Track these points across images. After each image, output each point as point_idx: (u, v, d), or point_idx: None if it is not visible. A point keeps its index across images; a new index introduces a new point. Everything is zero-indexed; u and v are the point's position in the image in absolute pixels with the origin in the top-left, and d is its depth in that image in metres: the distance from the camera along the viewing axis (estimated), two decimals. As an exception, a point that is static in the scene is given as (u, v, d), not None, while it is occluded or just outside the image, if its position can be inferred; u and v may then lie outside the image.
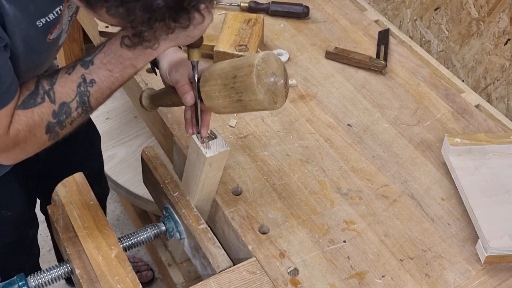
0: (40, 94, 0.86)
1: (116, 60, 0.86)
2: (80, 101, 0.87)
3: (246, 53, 1.25)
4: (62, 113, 0.87)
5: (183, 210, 1.03)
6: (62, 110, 0.86)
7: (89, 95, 0.87)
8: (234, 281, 0.94)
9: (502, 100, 1.33)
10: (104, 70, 0.86)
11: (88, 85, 0.86)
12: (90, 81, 0.86)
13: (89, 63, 0.86)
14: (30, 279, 0.97)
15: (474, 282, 0.97)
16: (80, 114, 0.88)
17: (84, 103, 0.87)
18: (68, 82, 0.86)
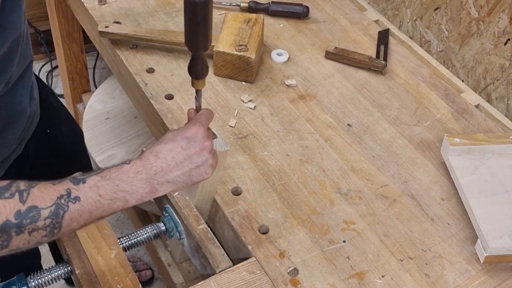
0: (11, 190, 0.74)
1: (111, 188, 0.80)
2: (54, 212, 0.76)
3: (246, 53, 1.25)
4: (27, 217, 0.74)
5: (183, 210, 1.03)
6: (29, 214, 0.74)
7: (66, 210, 0.76)
8: (234, 281, 0.94)
9: (502, 100, 1.33)
10: (94, 193, 0.79)
11: (71, 201, 0.77)
12: (75, 197, 0.77)
13: (81, 181, 0.79)
14: (30, 279, 0.97)
15: (474, 282, 0.97)
16: (46, 227, 0.75)
17: (57, 217, 0.76)
18: (49, 190, 0.77)
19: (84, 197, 0.78)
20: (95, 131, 1.85)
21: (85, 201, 0.78)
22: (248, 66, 1.27)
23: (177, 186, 0.85)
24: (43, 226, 0.75)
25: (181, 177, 0.84)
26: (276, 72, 1.34)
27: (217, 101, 1.25)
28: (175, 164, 0.83)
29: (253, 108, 1.23)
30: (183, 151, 0.83)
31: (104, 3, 1.47)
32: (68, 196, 0.77)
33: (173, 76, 1.30)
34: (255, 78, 1.31)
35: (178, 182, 0.84)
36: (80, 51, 2.03)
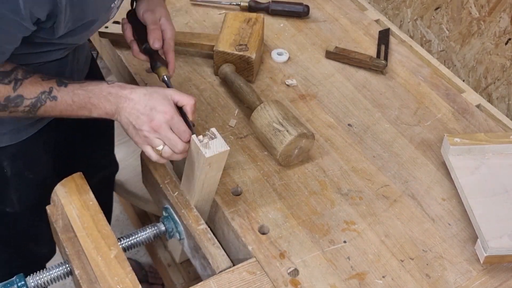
0: (11, 77, 0.92)
1: (83, 97, 0.95)
2: (34, 104, 0.94)
3: (246, 53, 1.25)
4: (13, 101, 0.93)
5: (182, 210, 1.03)
6: (16, 100, 0.93)
7: (43, 104, 0.94)
8: (234, 282, 0.94)
9: (503, 100, 1.32)
10: (68, 97, 0.95)
11: (49, 98, 0.94)
12: (53, 96, 0.94)
13: (63, 84, 0.95)
14: (29, 279, 0.97)
15: (475, 283, 0.97)
16: (23, 112, 0.95)
17: (34, 107, 0.94)
18: (37, 84, 0.94)
19: (60, 98, 0.95)
20: (95, 131, 1.85)
21: (60, 101, 0.95)
22: (248, 65, 1.26)
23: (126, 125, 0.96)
24: (22, 110, 0.95)
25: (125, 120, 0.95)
26: (276, 71, 1.33)
27: (217, 101, 1.25)
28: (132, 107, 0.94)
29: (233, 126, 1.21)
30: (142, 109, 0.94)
31: (104, 3, 1.47)
32: (49, 93, 0.94)
33: (173, 76, 1.30)
34: (255, 78, 1.30)
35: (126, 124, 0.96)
36: (80, 50, 2.03)
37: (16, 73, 0.93)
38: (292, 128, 1.08)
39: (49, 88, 0.94)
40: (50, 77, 0.95)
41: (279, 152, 1.08)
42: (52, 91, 0.94)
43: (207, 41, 1.31)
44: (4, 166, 1.16)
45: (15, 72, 0.93)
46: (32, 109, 0.94)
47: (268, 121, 1.11)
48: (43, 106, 0.95)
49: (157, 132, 0.94)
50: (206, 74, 1.31)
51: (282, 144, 1.08)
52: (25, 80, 0.93)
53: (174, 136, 0.94)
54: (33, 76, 0.94)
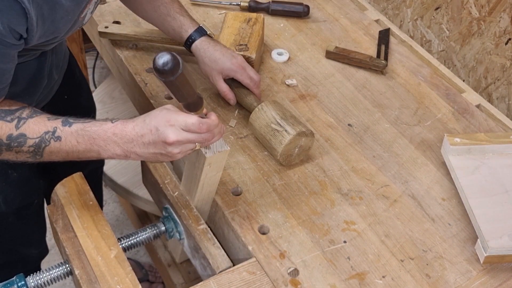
0: (14, 116, 0.90)
1: (88, 139, 0.91)
2: (38, 144, 0.91)
3: (246, 53, 1.25)
4: (16, 141, 0.90)
5: (182, 211, 1.03)
6: (18, 139, 0.90)
7: (47, 145, 0.91)
8: (234, 282, 0.94)
9: (503, 100, 1.32)
10: (73, 138, 0.91)
11: (53, 138, 0.91)
12: (57, 136, 0.91)
13: (68, 124, 0.92)
14: (29, 279, 0.97)
15: (475, 283, 0.97)
16: (29, 153, 0.92)
17: (39, 148, 0.91)
18: (41, 124, 0.91)
19: (64, 139, 0.91)
20: (94, 131, 1.85)
21: (64, 142, 0.91)
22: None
23: (147, 159, 0.93)
24: (27, 151, 0.91)
25: (148, 155, 0.92)
26: (277, 71, 1.33)
27: (217, 101, 1.25)
28: (142, 142, 0.90)
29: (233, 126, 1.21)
30: (151, 135, 0.90)
31: (104, 3, 1.47)
32: (52, 133, 0.91)
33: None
34: (255, 78, 1.30)
35: (147, 158, 0.92)
36: (79, 50, 2.03)
37: (22, 112, 0.91)
38: (290, 127, 1.08)
39: (53, 128, 0.91)
40: (56, 117, 0.93)
41: (279, 152, 1.09)
42: (55, 131, 0.91)
43: (207, 41, 1.31)
44: None
45: (20, 111, 0.91)
46: (37, 150, 0.91)
47: (267, 122, 1.11)
48: (48, 147, 0.91)
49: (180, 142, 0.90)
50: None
51: (281, 145, 1.08)
52: (29, 119, 0.91)
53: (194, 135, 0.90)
54: (39, 116, 0.92)
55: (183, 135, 0.89)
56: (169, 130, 0.89)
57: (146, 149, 0.91)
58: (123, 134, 0.91)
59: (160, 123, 0.89)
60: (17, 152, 0.91)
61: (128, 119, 0.93)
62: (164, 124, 0.89)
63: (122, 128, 0.91)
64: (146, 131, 0.90)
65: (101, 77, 2.55)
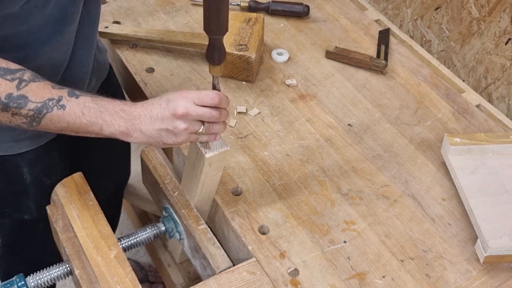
0: (15, 76, 0.85)
1: (95, 111, 0.88)
2: (39, 109, 0.86)
3: (246, 53, 1.25)
4: (15, 101, 0.84)
5: (182, 210, 1.03)
6: (18, 100, 0.84)
7: (49, 111, 0.86)
8: (234, 282, 0.94)
9: (503, 100, 1.32)
10: (78, 108, 0.87)
11: (57, 106, 0.86)
12: (62, 105, 0.87)
13: (75, 95, 0.88)
14: (29, 279, 0.97)
15: (475, 283, 0.97)
16: (28, 117, 0.86)
17: (39, 114, 0.86)
18: (45, 90, 0.86)
19: (69, 108, 0.87)
20: (95, 131, 1.85)
21: (68, 112, 0.87)
22: (248, 65, 1.26)
23: (149, 140, 0.90)
24: (25, 114, 0.85)
25: (152, 132, 0.88)
26: (276, 71, 1.33)
27: (217, 101, 1.25)
28: (149, 117, 0.88)
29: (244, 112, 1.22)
30: (160, 109, 0.88)
31: (104, 2, 1.47)
32: (57, 101, 0.87)
33: (173, 76, 1.30)
34: (255, 78, 1.30)
35: (150, 137, 0.89)
36: (79, 50, 2.02)
37: (23, 73, 0.86)
38: None
39: (58, 96, 0.87)
40: (61, 87, 0.89)
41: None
42: (61, 99, 0.87)
43: (207, 41, 1.31)
44: (24, 172, 1.14)
45: (21, 73, 0.86)
46: (37, 116, 0.86)
47: None
48: (49, 114, 0.86)
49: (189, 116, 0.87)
50: (206, 74, 1.31)
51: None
52: (31, 83, 0.86)
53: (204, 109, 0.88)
54: (42, 82, 0.87)
55: (193, 108, 0.87)
56: (180, 102, 0.87)
57: (152, 124, 0.88)
58: (131, 110, 0.89)
59: (171, 97, 0.88)
60: (13, 114, 0.85)
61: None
62: (176, 97, 0.87)
63: (131, 105, 0.89)
64: (155, 105, 0.88)
65: (101, 77, 2.55)
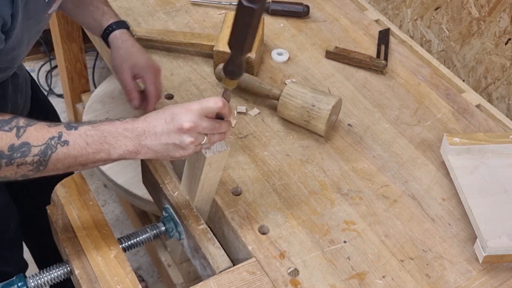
0: (11, 125, 0.83)
1: (99, 138, 0.86)
2: (43, 151, 0.83)
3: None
4: (18, 151, 0.82)
5: (182, 211, 1.03)
6: (21, 149, 0.82)
7: (54, 151, 0.84)
8: (234, 282, 0.94)
9: (503, 100, 1.33)
10: (82, 140, 0.85)
11: (60, 143, 0.84)
12: (64, 141, 0.84)
13: (73, 127, 0.86)
14: (29, 280, 0.97)
15: (475, 283, 0.97)
16: (34, 163, 0.84)
17: (45, 156, 0.84)
18: (44, 131, 0.84)
19: (73, 142, 0.85)
20: (94, 131, 1.85)
21: (72, 146, 0.85)
22: (248, 65, 1.26)
23: (157, 155, 0.88)
24: (31, 161, 0.83)
25: (159, 147, 0.87)
26: (277, 71, 1.33)
27: (217, 101, 1.25)
28: (154, 132, 0.87)
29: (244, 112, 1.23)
30: (165, 124, 0.86)
31: (104, 3, 1.47)
32: (58, 138, 0.84)
33: (173, 76, 1.30)
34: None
35: (157, 152, 0.88)
36: (79, 50, 2.03)
37: (17, 121, 0.84)
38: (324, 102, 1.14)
39: (57, 133, 0.84)
40: (56, 124, 0.86)
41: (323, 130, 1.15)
42: (62, 135, 0.84)
43: (207, 41, 1.31)
44: None
45: (16, 120, 0.83)
46: (43, 159, 0.83)
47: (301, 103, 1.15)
48: (54, 154, 0.84)
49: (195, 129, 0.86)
50: (206, 74, 1.31)
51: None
52: (29, 127, 0.83)
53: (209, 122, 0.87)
54: (38, 124, 0.85)
55: (199, 122, 0.86)
56: (186, 116, 0.85)
57: (158, 140, 0.86)
58: (134, 127, 0.87)
59: (175, 111, 0.86)
60: (18, 165, 0.83)
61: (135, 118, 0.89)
62: (180, 111, 0.86)
63: (133, 122, 0.87)
64: (159, 121, 0.86)
65: (101, 77, 2.55)
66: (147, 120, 0.87)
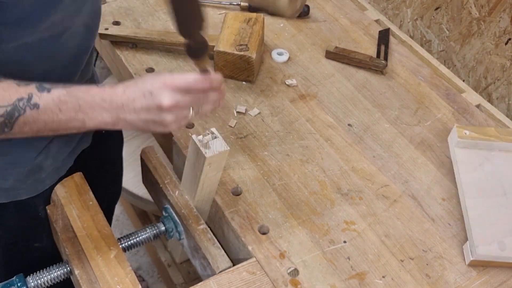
0: None
1: (73, 106, 0.79)
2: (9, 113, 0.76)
3: (247, 53, 1.25)
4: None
5: (182, 211, 1.03)
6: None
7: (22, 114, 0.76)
8: (234, 282, 0.94)
9: (503, 100, 1.32)
10: (54, 105, 0.78)
11: (29, 106, 0.76)
12: (34, 103, 0.77)
13: (46, 89, 0.78)
14: (29, 279, 0.97)
15: (475, 283, 0.97)
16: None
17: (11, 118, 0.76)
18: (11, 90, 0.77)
19: (44, 106, 0.77)
20: (94, 131, 1.85)
21: (43, 110, 0.77)
22: (249, 65, 1.26)
23: (136, 128, 0.84)
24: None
25: (138, 122, 0.83)
26: (276, 71, 1.33)
27: (217, 101, 1.25)
28: (133, 108, 0.81)
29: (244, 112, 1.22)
30: (144, 99, 0.81)
31: (104, 3, 1.47)
32: (28, 100, 0.76)
33: (173, 76, 1.30)
34: (256, 78, 1.30)
35: (137, 126, 0.83)
36: (80, 51, 2.02)
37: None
38: None
39: (27, 94, 0.76)
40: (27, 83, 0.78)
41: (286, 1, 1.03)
42: (32, 97, 0.76)
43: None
44: (39, 210, 1.10)
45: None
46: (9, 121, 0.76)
47: None
48: (22, 117, 0.76)
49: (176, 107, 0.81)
50: (206, 74, 1.31)
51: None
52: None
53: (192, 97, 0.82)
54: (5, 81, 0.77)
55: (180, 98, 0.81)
56: (165, 93, 0.80)
57: (137, 115, 0.81)
58: (112, 98, 0.81)
59: (154, 85, 0.80)
60: None
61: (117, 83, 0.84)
62: (159, 86, 0.80)
63: (111, 92, 0.81)
64: (138, 95, 0.81)
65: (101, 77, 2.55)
66: (126, 92, 0.82)
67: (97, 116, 0.81)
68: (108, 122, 0.82)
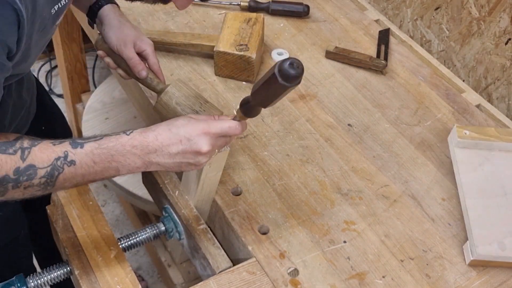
0: (15, 147, 0.81)
1: (106, 157, 0.84)
2: (50, 173, 0.82)
3: (247, 53, 1.25)
4: (24, 174, 0.80)
5: (182, 211, 1.03)
6: (27, 171, 0.80)
7: (61, 172, 0.82)
8: (234, 282, 0.94)
9: (503, 100, 1.32)
10: (89, 159, 0.83)
11: (66, 163, 0.82)
12: (71, 161, 0.82)
13: (79, 145, 0.84)
14: (29, 280, 0.97)
15: (475, 283, 0.97)
16: (41, 185, 0.82)
17: (52, 177, 0.82)
18: (48, 151, 0.82)
19: (79, 161, 0.83)
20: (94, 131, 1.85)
21: (79, 165, 0.83)
22: (249, 65, 1.26)
23: (169, 169, 0.88)
24: (38, 183, 0.81)
25: (171, 165, 0.86)
26: (276, 71, 1.33)
27: (217, 101, 1.25)
28: (168, 152, 0.85)
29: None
30: (180, 145, 0.85)
31: (104, 3, 1.47)
32: (64, 158, 0.82)
33: (173, 76, 1.30)
34: (256, 78, 1.30)
35: (168, 168, 0.87)
36: (79, 51, 2.03)
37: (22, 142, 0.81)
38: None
39: (63, 152, 0.82)
40: (61, 141, 0.84)
41: None
42: (67, 155, 0.82)
43: (207, 42, 1.31)
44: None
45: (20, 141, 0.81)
46: (50, 180, 0.82)
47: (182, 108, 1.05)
48: (62, 174, 0.82)
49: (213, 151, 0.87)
50: (206, 74, 1.31)
51: None
52: (33, 148, 0.81)
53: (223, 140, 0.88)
54: (42, 143, 0.83)
55: (215, 143, 0.86)
56: (204, 139, 0.85)
57: (172, 159, 0.85)
58: (143, 145, 0.85)
59: (192, 132, 0.85)
60: (25, 187, 0.81)
61: (145, 129, 0.87)
62: (197, 134, 0.85)
63: (142, 139, 0.85)
64: (174, 141, 0.85)
65: (101, 77, 2.56)
66: (158, 139, 0.85)
67: (129, 162, 0.85)
68: (140, 166, 0.86)
